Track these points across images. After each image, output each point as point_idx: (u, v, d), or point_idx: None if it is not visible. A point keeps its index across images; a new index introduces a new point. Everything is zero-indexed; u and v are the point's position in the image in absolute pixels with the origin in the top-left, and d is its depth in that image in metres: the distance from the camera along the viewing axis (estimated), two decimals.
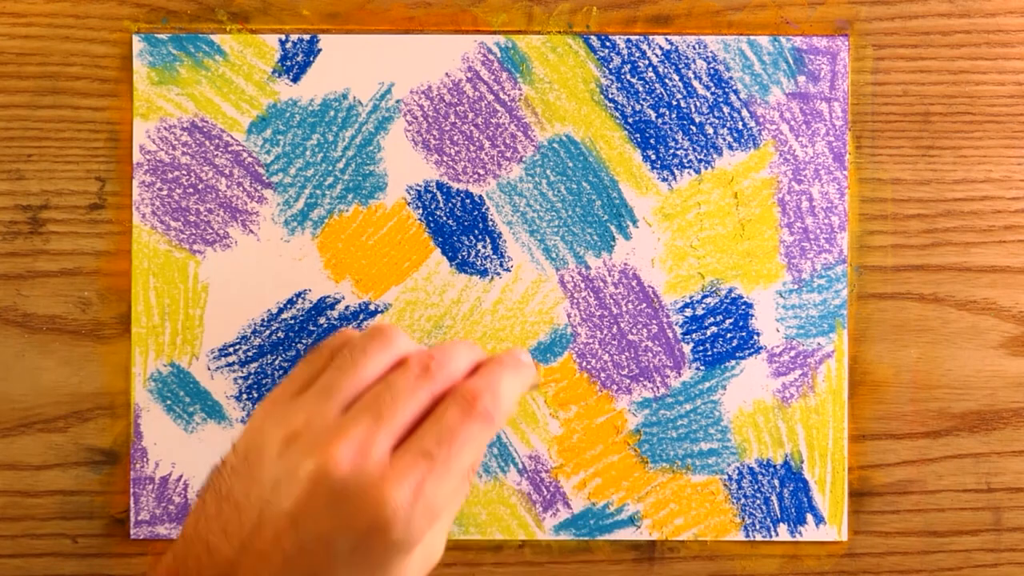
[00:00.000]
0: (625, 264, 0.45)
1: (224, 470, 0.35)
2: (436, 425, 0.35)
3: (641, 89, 0.45)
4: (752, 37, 0.45)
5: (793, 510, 0.45)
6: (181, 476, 0.44)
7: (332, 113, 0.45)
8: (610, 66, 0.45)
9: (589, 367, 0.45)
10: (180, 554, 0.35)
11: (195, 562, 0.34)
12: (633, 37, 0.45)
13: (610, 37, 0.45)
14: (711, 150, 0.45)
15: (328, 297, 0.45)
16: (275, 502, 0.34)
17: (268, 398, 0.36)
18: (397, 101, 0.45)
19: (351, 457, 0.34)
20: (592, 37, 0.45)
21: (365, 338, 0.37)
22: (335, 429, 0.34)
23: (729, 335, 0.45)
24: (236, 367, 0.44)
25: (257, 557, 0.34)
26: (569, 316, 0.45)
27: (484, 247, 0.45)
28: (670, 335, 0.45)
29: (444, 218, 0.45)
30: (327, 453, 0.33)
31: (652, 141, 0.45)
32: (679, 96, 0.45)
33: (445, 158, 0.45)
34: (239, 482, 0.35)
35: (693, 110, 0.45)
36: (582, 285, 0.45)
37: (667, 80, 0.45)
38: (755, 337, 0.45)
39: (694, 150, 0.45)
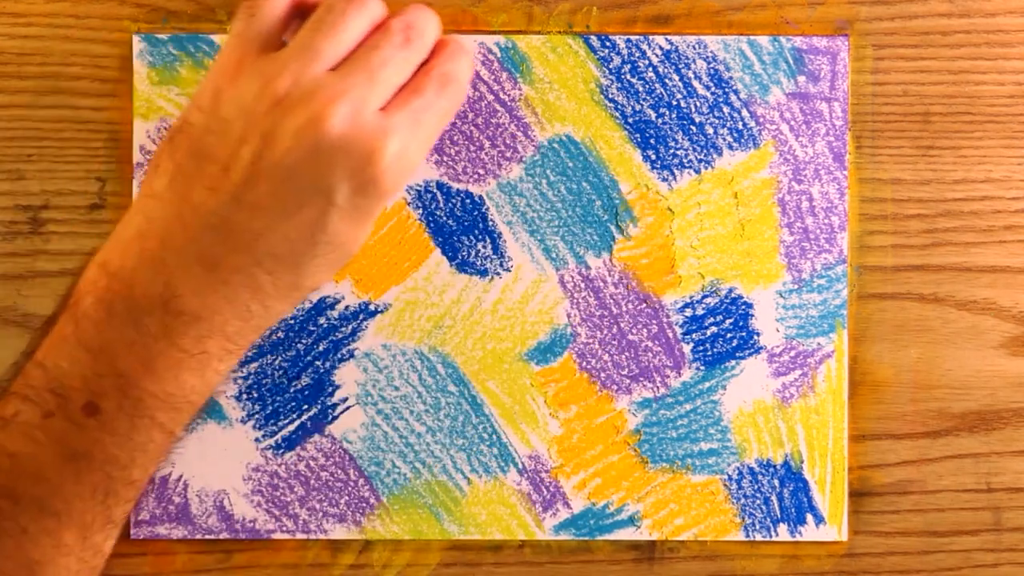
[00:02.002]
0: (625, 264, 0.45)
1: (193, 131, 0.36)
2: (419, 96, 0.37)
3: (641, 89, 0.45)
4: (752, 37, 0.45)
5: (793, 510, 0.45)
6: (181, 476, 0.44)
7: None
8: (610, 66, 0.45)
9: (589, 367, 0.45)
10: (151, 213, 0.36)
11: (176, 220, 0.36)
12: (633, 37, 0.45)
13: (610, 37, 0.45)
14: (711, 150, 0.45)
15: (328, 297, 0.45)
16: (269, 156, 0.35)
17: (227, 57, 0.37)
18: None
19: (349, 113, 0.35)
20: (592, 37, 0.45)
21: (341, 0, 0.38)
22: (329, 87, 0.36)
23: (729, 335, 0.45)
24: (236, 367, 0.44)
25: (252, 209, 0.36)
26: (569, 316, 0.45)
27: (484, 247, 0.45)
28: (670, 335, 0.45)
29: (444, 218, 0.45)
30: (325, 110, 0.35)
31: (652, 141, 0.45)
32: (679, 96, 0.45)
33: (445, 158, 0.45)
34: (219, 141, 0.36)
35: (693, 110, 0.45)
36: (582, 285, 0.45)
37: (667, 80, 0.45)
38: (755, 337, 0.45)
39: (694, 150, 0.45)
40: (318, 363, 0.45)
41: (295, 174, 0.35)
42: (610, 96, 0.45)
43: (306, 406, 0.45)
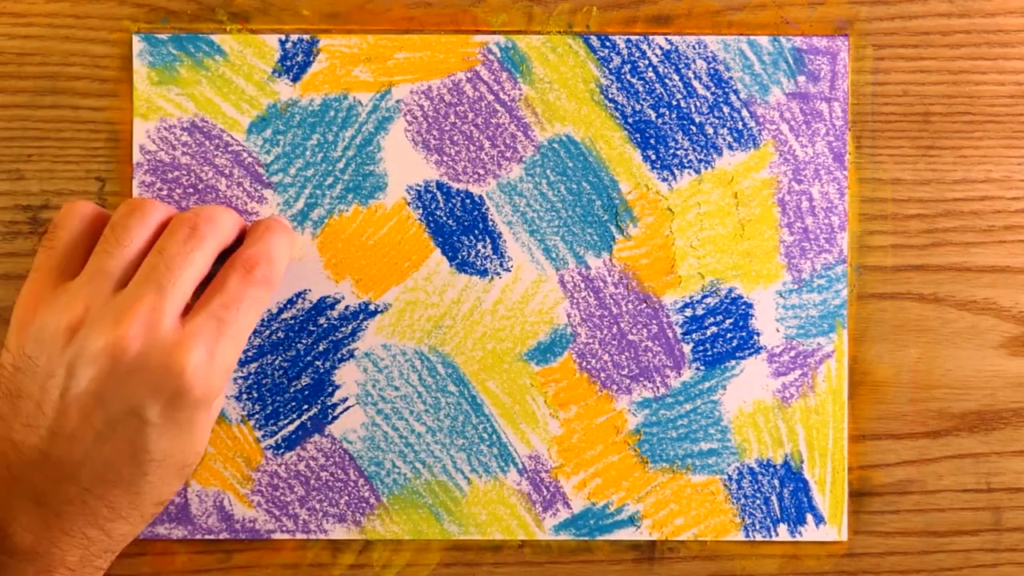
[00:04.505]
0: (625, 264, 0.45)
1: (4, 372, 0.37)
2: (220, 292, 0.37)
3: (641, 89, 0.45)
4: (752, 37, 0.45)
5: (793, 510, 0.45)
6: None
7: (332, 113, 0.45)
8: (610, 66, 0.45)
9: (589, 367, 0.45)
10: None
11: (1, 459, 0.36)
12: (633, 37, 0.45)
13: (610, 37, 0.45)
14: (711, 150, 0.45)
15: (328, 297, 0.45)
16: (75, 387, 0.36)
17: (26, 293, 0.38)
18: (397, 101, 0.45)
19: (142, 331, 0.36)
20: (592, 37, 0.45)
21: (122, 215, 0.38)
22: (120, 307, 0.36)
23: (729, 335, 0.45)
24: (236, 367, 0.44)
25: (68, 440, 0.36)
26: (569, 316, 0.45)
27: (484, 247, 0.45)
28: (670, 335, 0.45)
29: (444, 218, 0.45)
30: (118, 332, 0.36)
31: (652, 141, 0.45)
32: (679, 96, 0.45)
33: (445, 158, 0.45)
34: (28, 378, 0.36)
35: (693, 110, 0.45)
36: (582, 285, 0.45)
37: (667, 80, 0.45)
38: (755, 337, 0.45)
39: (694, 150, 0.45)
40: (318, 363, 0.45)
41: (102, 400, 0.36)
42: (610, 96, 0.45)
43: (306, 406, 0.45)
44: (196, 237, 0.38)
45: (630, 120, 0.45)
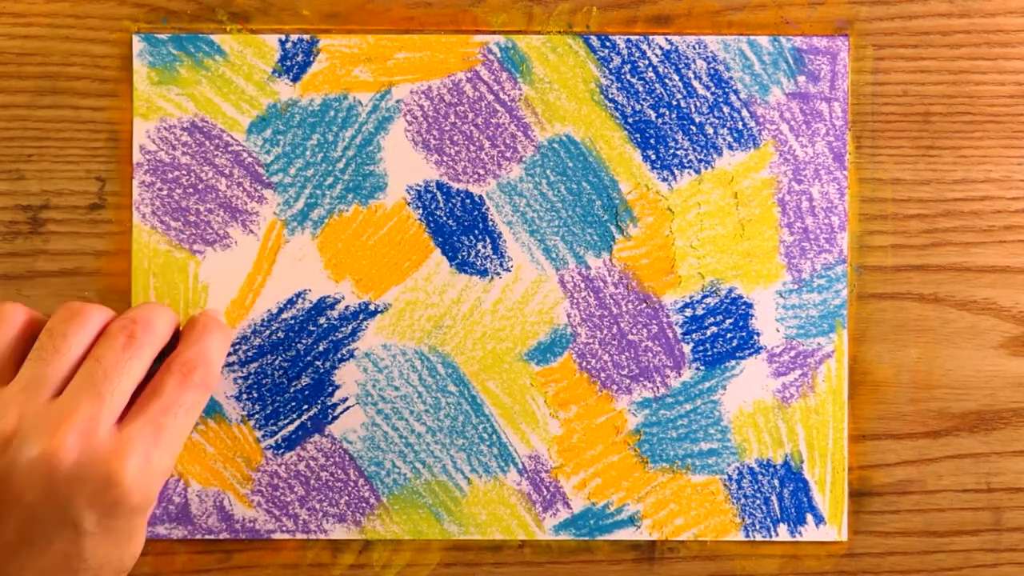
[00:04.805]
0: (625, 264, 0.45)
1: None
2: (158, 396, 0.37)
3: (641, 89, 0.45)
4: (752, 37, 0.45)
5: (793, 510, 0.45)
6: (181, 476, 0.44)
7: (332, 113, 0.45)
8: (610, 66, 0.45)
9: (589, 367, 0.45)
10: None
11: None
12: (633, 37, 0.45)
13: (610, 37, 0.45)
14: (711, 150, 0.45)
15: (328, 297, 0.45)
16: (8, 498, 0.35)
17: None
18: (397, 101, 0.45)
19: (78, 440, 0.35)
20: (592, 37, 0.45)
21: (60, 321, 0.37)
22: (56, 415, 0.35)
23: (729, 335, 0.45)
24: (236, 367, 0.44)
25: (7, 551, 0.35)
26: (569, 316, 0.45)
27: (484, 247, 0.45)
28: (670, 335, 0.45)
29: (444, 218, 0.45)
30: (54, 442, 0.35)
31: (652, 141, 0.45)
32: (679, 96, 0.45)
33: (445, 158, 0.45)
34: None
35: (693, 110, 0.45)
36: (582, 285, 0.45)
37: (667, 80, 0.45)
38: (755, 337, 0.45)
39: (694, 150, 0.45)
40: (318, 363, 0.45)
41: (36, 511, 0.35)
42: (610, 96, 0.45)
43: (306, 406, 0.45)
44: (133, 344, 0.37)
45: (630, 120, 0.45)
